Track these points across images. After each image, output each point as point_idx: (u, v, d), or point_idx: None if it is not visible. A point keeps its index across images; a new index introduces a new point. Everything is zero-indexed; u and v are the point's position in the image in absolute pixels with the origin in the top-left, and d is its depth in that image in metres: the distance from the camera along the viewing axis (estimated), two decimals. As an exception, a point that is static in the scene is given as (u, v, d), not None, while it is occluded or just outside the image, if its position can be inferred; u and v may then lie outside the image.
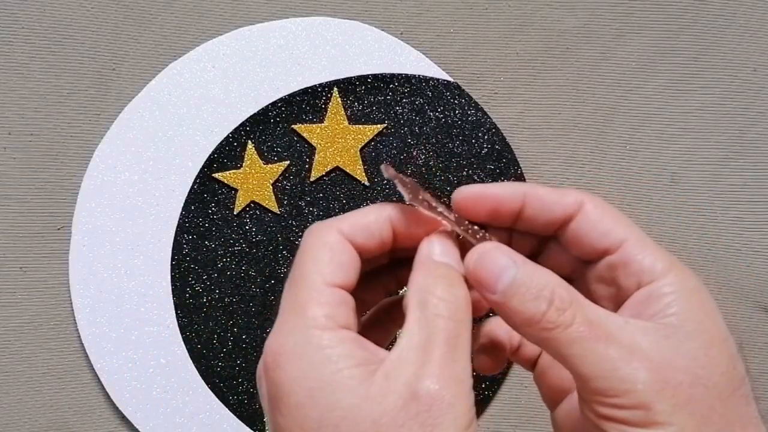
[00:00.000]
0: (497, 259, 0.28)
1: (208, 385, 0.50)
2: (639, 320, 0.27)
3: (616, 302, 0.29)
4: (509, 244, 0.31)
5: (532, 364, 0.35)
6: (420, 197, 0.29)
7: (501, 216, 0.30)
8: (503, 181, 0.51)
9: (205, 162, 0.51)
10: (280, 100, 0.51)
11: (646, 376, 0.25)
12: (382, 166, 0.29)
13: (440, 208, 0.29)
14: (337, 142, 0.51)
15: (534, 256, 0.31)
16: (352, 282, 0.28)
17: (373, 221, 0.29)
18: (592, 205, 0.29)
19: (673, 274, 0.28)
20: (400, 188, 0.29)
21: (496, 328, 0.34)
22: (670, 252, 0.29)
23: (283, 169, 0.51)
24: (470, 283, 0.29)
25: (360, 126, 0.51)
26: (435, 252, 0.29)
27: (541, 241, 0.32)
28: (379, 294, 0.33)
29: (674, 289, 0.27)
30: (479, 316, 0.30)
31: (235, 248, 0.51)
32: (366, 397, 0.25)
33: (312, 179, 0.51)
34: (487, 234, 0.30)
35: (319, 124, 0.51)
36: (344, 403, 0.25)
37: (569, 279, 0.29)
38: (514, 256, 0.28)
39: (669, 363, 0.26)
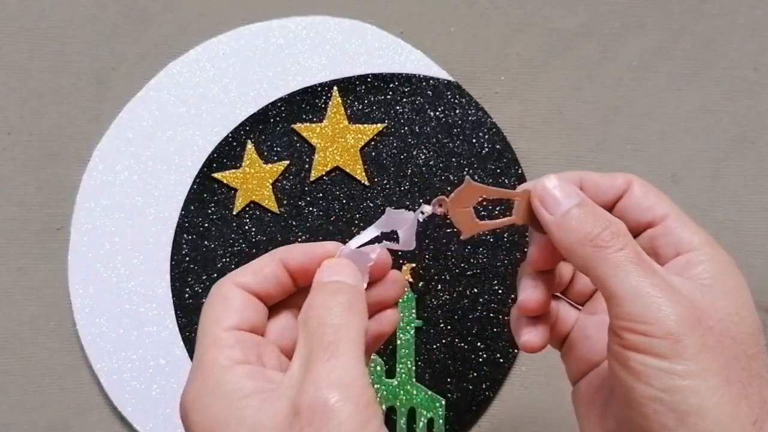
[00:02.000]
0: (565, 186, 0.30)
1: (207, 385, 0.50)
2: (680, 278, 0.29)
3: None
4: None
5: (561, 342, 0.36)
6: (472, 220, 0.32)
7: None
8: (503, 180, 0.51)
9: (205, 162, 0.51)
10: (280, 99, 0.51)
11: (681, 311, 0.26)
12: (432, 207, 0.33)
13: (507, 195, 0.32)
14: (337, 142, 0.51)
15: None
16: (250, 323, 0.30)
17: (265, 266, 0.31)
18: (638, 184, 0.32)
19: (709, 247, 0.30)
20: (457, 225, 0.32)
21: (542, 303, 0.34)
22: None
23: (282, 168, 0.51)
24: (531, 204, 0.31)
25: (360, 125, 0.51)
26: (322, 276, 0.30)
27: None
28: None
29: (709, 258, 0.29)
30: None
31: (235, 248, 0.51)
32: (258, 424, 0.25)
33: (312, 179, 0.51)
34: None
35: (319, 124, 0.51)
36: None
37: None
38: (578, 190, 0.31)
39: (705, 307, 0.27)
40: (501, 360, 0.50)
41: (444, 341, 0.50)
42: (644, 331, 0.26)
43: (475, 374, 0.50)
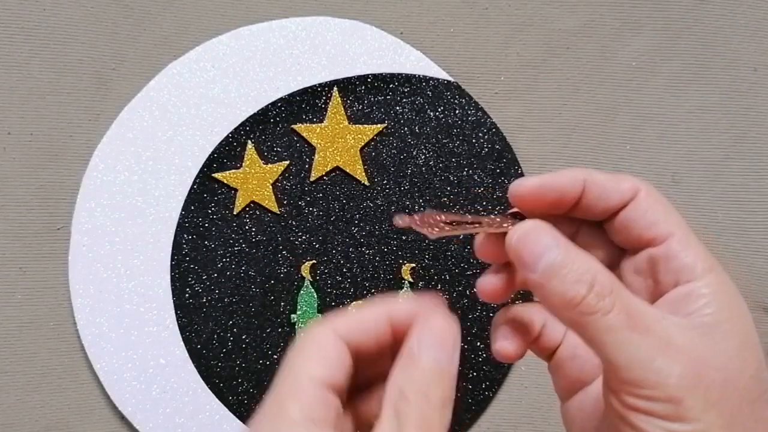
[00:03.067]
0: (541, 238, 0.27)
1: (207, 385, 0.50)
2: (676, 317, 0.27)
3: (651, 295, 0.29)
4: None
5: (549, 355, 0.34)
6: (441, 226, 0.29)
7: (561, 207, 0.30)
8: (503, 180, 0.51)
9: (205, 162, 0.51)
10: (280, 99, 0.51)
11: (681, 371, 0.25)
12: (396, 219, 0.29)
13: (468, 219, 0.29)
14: (337, 142, 0.51)
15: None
16: (338, 378, 0.27)
17: (370, 318, 0.28)
18: (645, 193, 0.29)
19: (713, 276, 0.28)
20: (421, 231, 0.29)
21: (521, 314, 0.33)
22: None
23: (283, 169, 0.51)
24: (511, 260, 0.28)
25: (360, 126, 0.51)
26: (420, 350, 0.27)
27: (576, 227, 0.32)
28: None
29: (712, 290, 0.27)
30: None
31: (235, 248, 0.51)
32: None
33: (312, 179, 0.51)
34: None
35: (319, 124, 0.51)
36: None
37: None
38: (557, 236, 0.28)
39: (704, 360, 0.26)
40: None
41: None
42: (645, 395, 0.25)
43: (475, 374, 0.50)
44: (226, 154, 0.51)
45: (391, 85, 0.51)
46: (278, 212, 0.51)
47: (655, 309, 0.27)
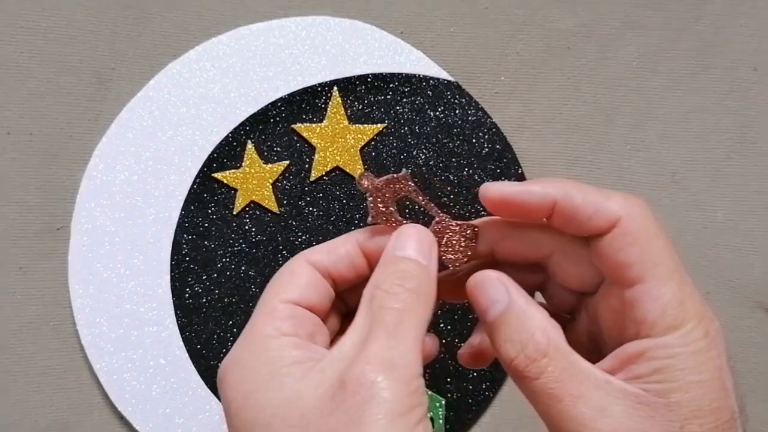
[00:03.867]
0: (492, 290, 0.28)
1: (207, 385, 0.50)
2: (621, 381, 0.26)
3: (618, 335, 0.28)
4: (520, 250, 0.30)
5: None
6: (390, 209, 0.30)
7: (530, 218, 0.29)
8: (503, 180, 0.51)
9: (205, 162, 0.51)
10: (280, 99, 0.51)
11: None
12: (357, 178, 0.30)
13: (429, 206, 0.30)
14: (337, 142, 0.51)
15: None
16: (311, 300, 0.29)
17: (340, 245, 0.30)
18: (622, 233, 0.27)
19: (677, 335, 0.25)
20: (369, 205, 0.30)
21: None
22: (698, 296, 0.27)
23: (283, 169, 0.51)
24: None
25: (360, 126, 0.51)
26: (395, 247, 0.28)
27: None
28: None
29: (671, 353, 0.25)
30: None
31: (235, 248, 0.51)
32: (298, 392, 0.25)
33: (312, 179, 0.51)
34: (477, 236, 0.30)
35: (319, 124, 0.51)
36: (276, 401, 0.25)
37: (591, 285, 0.29)
38: (510, 288, 0.28)
39: None
40: (501, 360, 0.50)
41: (444, 341, 0.50)
42: None
43: (475, 374, 0.50)
44: (226, 153, 0.51)
45: (391, 85, 0.51)
46: (278, 212, 0.51)
47: (599, 372, 0.26)
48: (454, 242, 0.30)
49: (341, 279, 0.30)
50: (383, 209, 0.30)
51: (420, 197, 0.31)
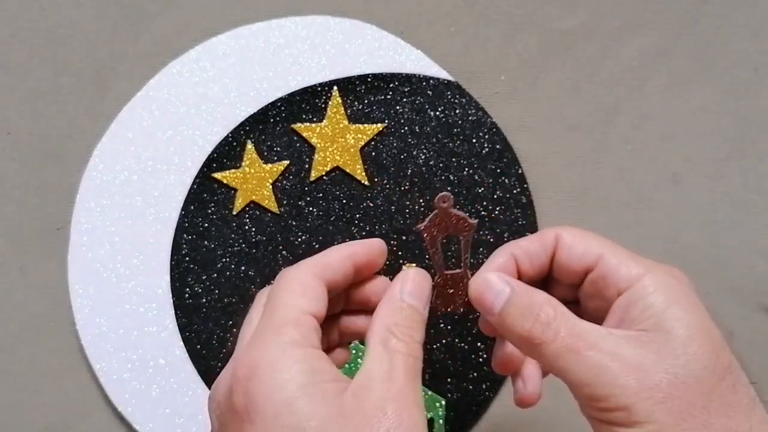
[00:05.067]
0: (494, 285, 0.32)
1: (207, 385, 0.50)
2: (621, 330, 0.29)
3: (604, 313, 0.32)
4: None
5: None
6: (438, 236, 0.35)
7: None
8: (503, 180, 0.51)
9: (205, 162, 0.51)
10: (280, 99, 0.51)
11: (625, 380, 0.27)
12: (439, 197, 0.34)
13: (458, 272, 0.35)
14: (337, 142, 0.51)
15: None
16: (321, 313, 0.31)
17: (336, 258, 0.33)
18: (566, 234, 0.33)
19: (648, 277, 0.30)
20: (430, 218, 0.34)
21: (530, 362, 0.37)
22: (668, 254, 0.31)
23: (282, 168, 0.51)
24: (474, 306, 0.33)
25: (360, 125, 0.51)
26: (405, 293, 0.32)
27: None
28: (334, 337, 0.37)
29: (650, 291, 0.30)
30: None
31: (235, 248, 0.51)
32: (339, 411, 0.27)
33: (312, 179, 0.51)
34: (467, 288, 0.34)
35: (319, 124, 0.51)
36: (321, 414, 0.27)
37: (569, 303, 0.32)
38: (509, 280, 0.32)
39: (647, 366, 0.28)
40: (501, 360, 0.50)
41: (444, 341, 0.50)
42: (601, 407, 0.28)
43: (475, 374, 0.50)
44: (226, 153, 0.51)
45: (391, 85, 0.51)
46: (278, 212, 0.51)
47: (602, 328, 0.29)
48: (456, 295, 0.35)
49: (332, 288, 0.33)
50: (435, 232, 0.35)
51: (467, 249, 0.35)
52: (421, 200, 0.51)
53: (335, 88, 0.51)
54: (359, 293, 0.35)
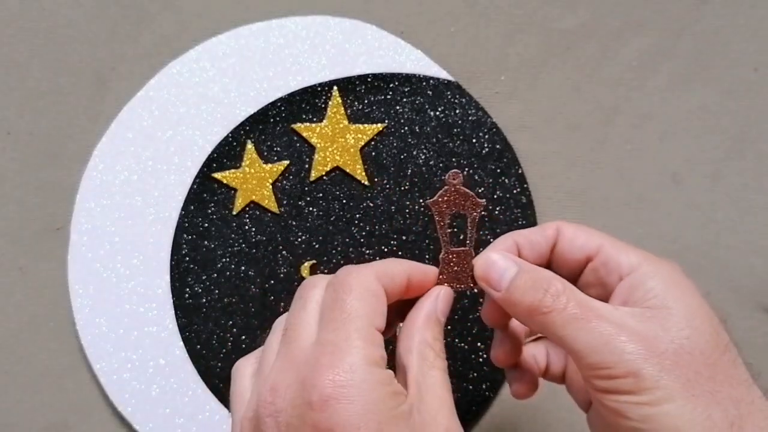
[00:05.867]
0: (500, 262, 0.33)
1: (207, 385, 0.50)
2: (626, 306, 0.30)
3: (604, 300, 0.32)
4: None
5: (561, 378, 0.39)
6: (446, 211, 0.36)
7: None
8: (503, 180, 0.51)
9: (205, 162, 0.51)
10: (280, 99, 0.51)
11: (633, 347, 0.28)
12: (451, 172, 0.36)
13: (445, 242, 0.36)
14: (337, 142, 0.51)
15: None
16: (383, 326, 0.31)
17: (397, 273, 0.33)
18: (566, 227, 0.34)
19: (648, 263, 0.31)
20: (441, 193, 0.35)
21: (527, 358, 0.38)
22: (668, 252, 0.32)
23: (282, 168, 0.51)
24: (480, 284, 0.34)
25: (360, 125, 0.51)
26: (438, 310, 0.34)
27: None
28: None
29: (652, 275, 0.31)
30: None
31: (235, 248, 0.51)
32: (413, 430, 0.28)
33: (312, 179, 0.51)
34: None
35: (319, 124, 0.51)
36: None
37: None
38: (515, 258, 0.33)
39: (655, 335, 0.29)
40: (501, 360, 0.50)
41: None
42: (608, 375, 0.28)
43: (475, 374, 0.50)
44: (226, 153, 0.51)
45: (391, 85, 0.51)
46: (278, 212, 0.51)
47: (607, 304, 0.30)
48: (462, 274, 0.36)
49: (390, 300, 0.33)
50: (444, 207, 0.36)
51: (474, 228, 0.36)
52: (421, 200, 0.51)
53: (335, 88, 0.51)
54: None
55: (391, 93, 0.52)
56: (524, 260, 0.34)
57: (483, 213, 0.37)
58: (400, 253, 0.51)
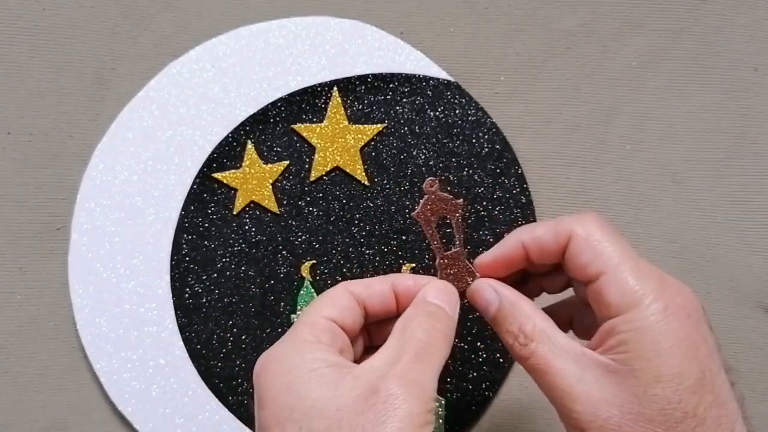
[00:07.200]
0: (485, 294, 0.35)
1: (207, 385, 0.50)
2: (594, 352, 0.31)
3: (601, 316, 0.33)
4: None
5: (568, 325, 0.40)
6: (431, 218, 0.37)
7: (518, 266, 0.36)
8: (503, 180, 0.51)
9: (205, 162, 0.51)
10: (280, 99, 0.51)
11: (581, 408, 0.30)
12: (428, 181, 0.38)
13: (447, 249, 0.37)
14: (337, 142, 0.51)
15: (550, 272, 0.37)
16: (346, 321, 0.34)
17: (376, 283, 0.35)
18: (575, 240, 0.33)
19: (633, 313, 0.30)
20: (420, 203, 0.37)
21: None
22: (667, 272, 0.32)
23: (282, 169, 0.51)
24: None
25: (360, 126, 0.51)
26: (428, 294, 0.35)
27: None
28: None
29: (631, 327, 0.30)
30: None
31: (235, 248, 0.51)
32: (335, 391, 0.30)
33: (312, 179, 0.51)
34: (476, 273, 0.37)
35: (319, 124, 0.51)
36: (314, 395, 0.29)
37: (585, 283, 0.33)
38: (499, 288, 0.35)
39: (604, 398, 0.30)
40: (501, 360, 0.50)
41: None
42: (568, 423, 0.31)
43: (475, 374, 0.50)
44: (226, 154, 0.51)
45: (391, 85, 0.51)
46: (278, 212, 0.51)
47: (578, 346, 0.32)
48: (459, 274, 0.37)
49: (372, 311, 0.35)
50: (429, 215, 0.37)
51: (459, 229, 0.37)
52: (421, 200, 0.51)
53: (335, 88, 0.51)
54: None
55: (390, 93, 0.52)
56: (530, 265, 0.35)
57: (464, 212, 0.38)
58: (399, 253, 0.51)
